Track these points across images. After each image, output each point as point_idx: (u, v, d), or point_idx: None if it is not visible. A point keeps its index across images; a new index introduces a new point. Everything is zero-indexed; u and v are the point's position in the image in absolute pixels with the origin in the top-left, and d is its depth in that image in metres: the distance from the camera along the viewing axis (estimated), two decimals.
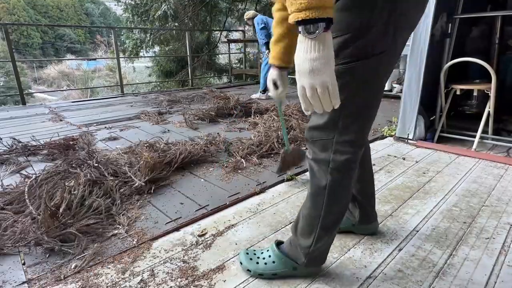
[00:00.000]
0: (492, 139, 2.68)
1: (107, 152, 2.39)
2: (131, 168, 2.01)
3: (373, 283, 1.18)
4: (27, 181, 1.75)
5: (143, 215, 1.65)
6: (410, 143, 2.77)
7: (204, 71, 9.85)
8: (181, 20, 8.40)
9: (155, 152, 2.19)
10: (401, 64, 5.01)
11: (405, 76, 2.71)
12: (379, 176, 2.13)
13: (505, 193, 1.86)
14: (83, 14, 39.13)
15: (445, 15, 2.70)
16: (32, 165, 2.30)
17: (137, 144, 2.47)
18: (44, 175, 1.76)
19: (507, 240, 1.43)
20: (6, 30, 4.72)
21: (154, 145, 2.35)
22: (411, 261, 1.30)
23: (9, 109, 4.72)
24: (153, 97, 5.19)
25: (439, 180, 2.05)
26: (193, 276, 1.22)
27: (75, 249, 1.37)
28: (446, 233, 1.48)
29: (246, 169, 2.22)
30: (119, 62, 5.91)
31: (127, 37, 10.15)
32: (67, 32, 35.38)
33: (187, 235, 1.50)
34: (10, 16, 29.66)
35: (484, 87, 2.58)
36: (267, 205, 1.77)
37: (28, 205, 1.56)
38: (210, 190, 1.93)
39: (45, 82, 25.28)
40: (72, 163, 1.96)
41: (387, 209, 1.70)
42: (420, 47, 2.55)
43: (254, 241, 1.44)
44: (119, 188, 1.82)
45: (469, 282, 1.18)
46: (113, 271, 1.26)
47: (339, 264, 1.28)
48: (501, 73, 3.15)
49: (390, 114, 3.78)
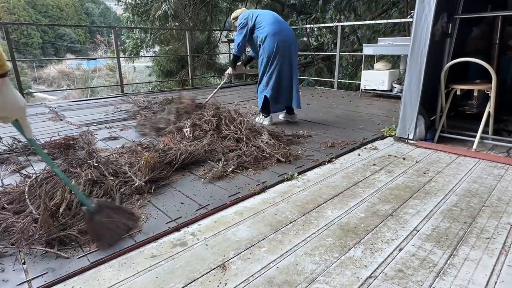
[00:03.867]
0: (492, 139, 2.67)
1: (107, 152, 2.39)
2: (131, 168, 2.00)
3: (373, 283, 1.18)
4: (27, 180, 1.75)
5: (143, 214, 1.65)
6: (410, 143, 2.77)
7: (204, 71, 9.86)
8: (181, 19, 8.39)
9: (155, 152, 2.18)
10: (401, 64, 5.02)
11: (405, 76, 2.71)
12: (380, 176, 2.13)
13: (506, 193, 1.86)
14: (83, 14, 39.12)
15: (445, 15, 2.70)
16: (32, 165, 2.30)
17: (125, 145, 2.47)
18: (44, 175, 1.75)
19: (508, 240, 1.43)
20: (6, 29, 4.72)
21: (152, 146, 2.34)
22: (412, 261, 1.30)
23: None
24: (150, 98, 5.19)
25: (440, 180, 2.05)
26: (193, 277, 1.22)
27: (75, 250, 1.37)
28: (447, 233, 1.48)
29: (246, 170, 2.22)
30: (119, 62, 5.91)
31: (127, 37, 10.15)
32: (67, 31, 35.37)
33: (187, 235, 1.50)
34: (10, 16, 29.64)
35: (484, 87, 2.58)
36: (268, 205, 1.77)
37: (28, 204, 1.56)
38: (210, 190, 1.93)
39: (45, 81, 25.29)
40: (73, 163, 1.95)
41: (388, 209, 1.70)
42: (421, 47, 2.55)
43: (254, 241, 1.44)
44: (119, 188, 1.82)
45: (469, 282, 1.18)
46: (113, 271, 1.26)
47: (340, 264, 1.28)
48: (502, 73, 3.14)
49: (390, 114, 3.78)
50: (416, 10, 2.54)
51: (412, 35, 2.60)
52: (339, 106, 4.48)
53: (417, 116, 2.69)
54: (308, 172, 2.21)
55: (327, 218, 1.63)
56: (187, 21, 8.41)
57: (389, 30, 6.88)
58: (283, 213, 1.68)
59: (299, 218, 1.63)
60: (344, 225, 1.56)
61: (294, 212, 1.68)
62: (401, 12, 6.74)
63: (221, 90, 6.06)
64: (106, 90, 15.05)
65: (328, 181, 2.06)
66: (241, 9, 3.59)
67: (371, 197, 1.84)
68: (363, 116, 3.82)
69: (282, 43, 3.20)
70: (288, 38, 3.26)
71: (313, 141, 2.84)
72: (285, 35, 3.24)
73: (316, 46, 9.26)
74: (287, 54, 3.26)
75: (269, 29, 3.18)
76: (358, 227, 1.54)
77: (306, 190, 1.94)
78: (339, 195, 1.88)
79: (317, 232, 1.50)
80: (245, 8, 3.71)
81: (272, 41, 3.18)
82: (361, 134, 3.02)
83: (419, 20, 2.53)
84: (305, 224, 1.57)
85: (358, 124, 3.41)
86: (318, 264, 1.29)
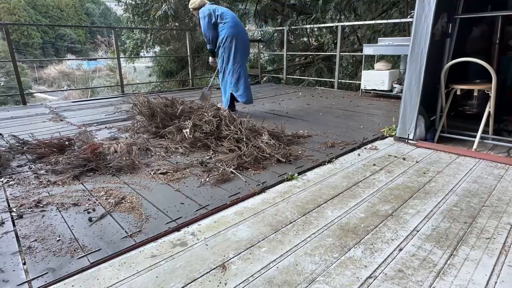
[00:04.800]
0: (492, 139, 2.67)
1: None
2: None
3: (373, 283, 1.18)
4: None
5: (143, 214, 1.65)
6: (410, 143, 2.77)
7: (204, 71, 9.85)
8: (181, 20, 8.40)
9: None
10: (402, 64, 5.01)
11: (405, 76, 2.71)
12: (380, 176, 2.13)
13: (506, 193, 1.86)
14: (83, 14, 39.14)
15: (445, 15, 2.70)
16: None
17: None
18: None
19: (508, 240, 1.43)
20: (6, 30, 4.73)
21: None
22: (412, 261, 1.30)
23: (9, 109, 4.72)
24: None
25: (440, 180, 2.05)
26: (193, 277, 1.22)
27: (75, 250, 1.37)
28: (447, 233, 1.48)
29: (247, 170, 2.22)
30: (120, 62, 5.92)
31: (127, 37, 10.16)
32: (68, 32, 35.40)
33: (187, 235, 1.50)
34: (10, 16, 29.67)
35: (484, 87, 2.58)
36: (267, 205, 1.77)
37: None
38: (210, 190, 1.93)
39: (46, 82, 25.31)
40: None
41: (388, 209, 1.70)
42: (421, 47, 2.55)
43: (254, 241, 1.44)
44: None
45: (469, 282, 1.18)
46: (113, 270, 1.26)
47: (340, 264, 1.28)
48: (502, 73, 3.14)
49: (390, 114, 3.78)
50: (416, 10, 2.54)
51: (412, 35, 2.60)
52: (339, 106, 4.47)
53: (417, 116, 2.69)
54: (308, 172, 2.21)
55: (327, 218, 1.63)
56: (187, 21, 8.41)
57: (389, 30, 6.88)
58: (283, 213, 1.68)
59: (299, 218, 1.63)
60: (344, 225, 1.56)
61: (294, 212, 1.68)
62: (401, 12, 6.74)
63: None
64: (107, 90, 15.05)
65: (328, 181, 2.06)
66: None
67: (371, 197, 1.84)
68: (363, 116, 3.82)
69: (241, 45, 3.62)
70: (245, 41, 3.70)
71: (313, 141, 2.84)
72: (242, 37, 3.66)
73: (316, 46, 9.26)
74: (244, 55, 3.72)
75: (230, 31, 3.54)
76: (358, 227, 1.54)
77: (306, 190, 1.94)
78: (339, 195, 1.88)
79: (317, 232, 1.50)
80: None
81: (233, 42, 3.56)
82: (361, 134, 3.02)
83: (419, 20, 2.53)
84: (305, 224, 1.57)
85: (358, 124, 3.41)
86: (318, 264, 1.29)
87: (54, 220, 1.61)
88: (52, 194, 1.87)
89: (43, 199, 1.81)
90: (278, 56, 9.51)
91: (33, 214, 1.67)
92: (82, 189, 1.94)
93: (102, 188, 1.95)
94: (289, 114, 3.95)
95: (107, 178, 2.10)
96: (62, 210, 1.70)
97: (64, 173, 2.12)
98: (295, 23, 8.37)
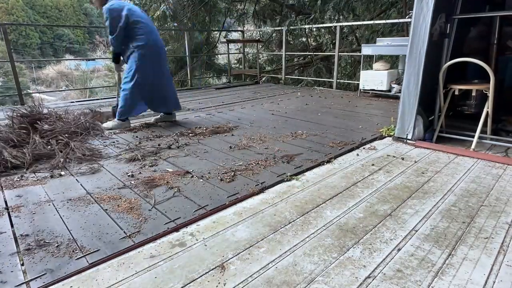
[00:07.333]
0: (490, 139, 2.68)
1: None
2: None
3: (372, 283, 1.18)
4: None
5: (141, 215, 1.65)
6: (409, 143, 2.78)
7: (203, 71, 9.85)
8: (180, 20, 8.40)
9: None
10: (400, 64, 5.02)
11: (404, 77, 2.72)
12: (378, 176, 2.13)
13: (504, 193, 1.87)
14: (82, 14, 39.04)
15: (443, 15, 2.71)
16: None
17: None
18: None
19: (506, 240, 1.43)
20: (4, 30, 4.71)
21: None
22: (410, 261, 1.30)
23: (7, 110, 4.70)
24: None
25: (438, 180, 2.05)
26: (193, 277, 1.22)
27: (75, 251, 1.37)
28: (445, 233, 1.49)
29: (246, 170, 2.22)
30: None
31: None
32: (66, 32, 35.29)
33: (186, 235, 1.50)
34: (8, 16, 29.59)
35: (482, 87, 2.58)
36: (266, 205, 1.77)
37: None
38: (209, 190, 1.93)
39: (44, 82, 25.22)
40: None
41: (386, 209, 1.71)
42: (419, 47, 2.56)
43: (253, 241, 1.44)
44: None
45: (468, 282, 1.18)
46: (112, 271, 1.26)
47: (338, 264, 1.28)
48: (500, 73, 3.15)
49: (389, 114, 3.79)
50: (414, 11, 2.54)
51: (410, 35, 2.61)
52: (338, 106, 4.48)
53: (415, 116, 2.69)
54: (307, 173, 2.21)
55: (326, 218, 1.63)
56: (186, 22, 8.41)
57: (388, 30, 6.89)
58: (282, 213, 1.68)
59: (298, 218, 1.63)
60: (343, 225, 1.56)
61: (293, 213, 1.68)
62: (400, 12, 6.74)
63: (220, 91, 6.10)
64: (105, 90, 15.02)
65: (327, 182, 2.06)
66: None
67: (369, 197, 1.84)
68: (362, 116, 3.82)
69: (157, 54, 3.34)
70: (161, 49, 3.42)
71: (312, 141, 2.84)
72: (160, 45, 3.40)
73: (315, 46, 9.27)
74: (160, 64, 3.40)
75: (146, 38, 3.24)
76: (357, 227, 1.55)
77: (305, 190, 1.95)
78: (338, 195, 1.88)
79: (316, 233, 1.50)
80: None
81: (147, 51, 3.25)
82: (359, 134, 3.02)
83: (417, 20, 2.54)
84: (304, 225, 1.57)
85: (357, 124, 3.41)
86: (317, 264, 1.29)
87: (53, 221, 1.60)
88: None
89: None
90: (277, 56, 9.51)
91: (31, 214, 1.66)
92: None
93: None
94: (288, 115, 3.96)
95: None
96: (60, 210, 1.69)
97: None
98: (294, 23, 8.37)
